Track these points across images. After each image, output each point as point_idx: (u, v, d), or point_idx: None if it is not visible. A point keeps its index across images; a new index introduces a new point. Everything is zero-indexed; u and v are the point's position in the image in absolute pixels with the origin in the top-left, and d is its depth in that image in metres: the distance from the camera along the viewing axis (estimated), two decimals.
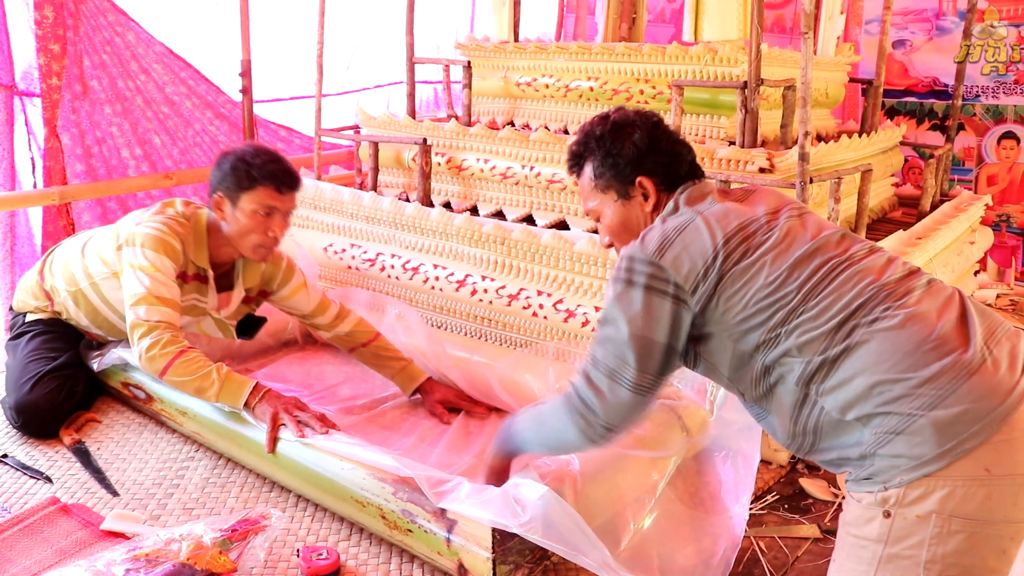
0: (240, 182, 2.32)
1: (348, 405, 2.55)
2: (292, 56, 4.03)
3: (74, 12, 3.12)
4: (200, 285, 2.45)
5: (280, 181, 2.33)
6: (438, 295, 2.86)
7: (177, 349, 2.16)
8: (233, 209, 2.34)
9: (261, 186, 2.31)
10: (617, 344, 1.50)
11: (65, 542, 1.81)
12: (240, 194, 2.32)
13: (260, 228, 2.34)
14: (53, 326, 2.56)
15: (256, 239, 2.36)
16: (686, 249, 1.49)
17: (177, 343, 2.18)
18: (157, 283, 2.25)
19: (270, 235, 2.36)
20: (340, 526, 1.93)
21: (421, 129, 3.34)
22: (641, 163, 1.63)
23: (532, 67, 3.49)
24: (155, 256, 2.28)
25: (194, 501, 2.04)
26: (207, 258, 2.44)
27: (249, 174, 2.31)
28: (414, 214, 2.91)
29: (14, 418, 2.36)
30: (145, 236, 2.30)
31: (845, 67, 3.76)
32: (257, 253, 2.40)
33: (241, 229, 2.35)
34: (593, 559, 1.55)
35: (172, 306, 2.25)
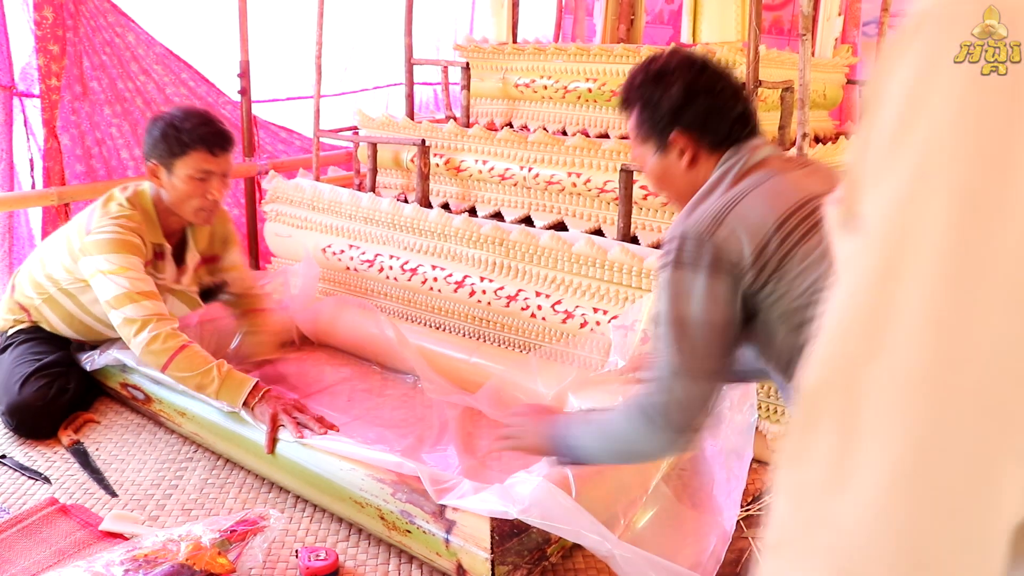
0: (172, 149, 2.34)
1: (346, 405, 2.55)
2: (291, 57, 4.03)
3: (74, 13, 3.12)
4: (158, 262, 2.48)
5: (212, 144, 2.35)
6: (436, 296, 2.86)
7: (179, 343, 2.18)
8: (169, 176, 2.37)
9: (194, 151, 2.33)
10: (674, 333, 1.39)
11: (64, 543, 1.81)
12: (174, 161, 2.34)
13: (198, 192, 2.37)
14: (36, 332, 2.56)
15: (196, 203, 2.38)
16: (741, 225, 1.39)
17: (177, 337, 2.19)
18: (133, 280, 2.27)
19: (209, 198, 2.38)
20: (339, 527, 1.93)
21: (419, 130, 3.35)
22: (677, 117, 1.52)
23: (530, 68, 3.49)
24: (120, 257, 2.29)
25: (193, 502, 2.04)
26: (161, 233, 2.46)
27: (180, 140, 2.33)
28: (412, 215, 2.92)
29: (9, 422, 2.36)
30: (103, 243, 2.31)
31: (843, 69, 3.76)
32: (199, 217, 2.43)
33: (180, 195, 2.38)
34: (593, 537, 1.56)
35: (155, 298, 2.29)
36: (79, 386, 2.48)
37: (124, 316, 2.23)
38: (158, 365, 2.18)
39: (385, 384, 2.72)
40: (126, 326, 2.22)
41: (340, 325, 2.95)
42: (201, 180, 2.36)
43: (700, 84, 1.53)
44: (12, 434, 2.37)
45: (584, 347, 2.47)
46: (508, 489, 1.66)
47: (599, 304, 2.50)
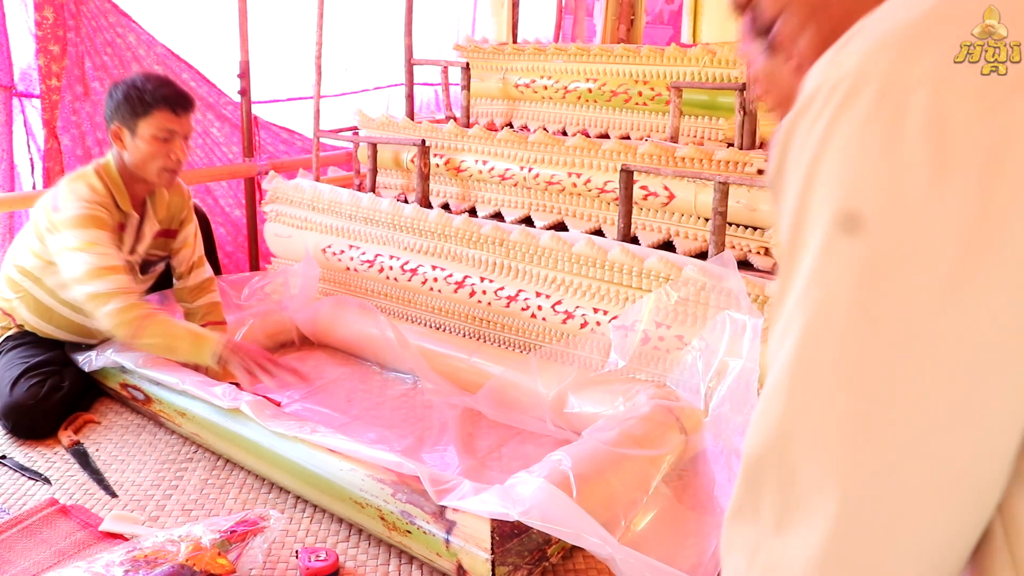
0: (135, 109, 2.37)
1: (345, 406, 2.55)
2: (292, 57, 4.03)
3: (75, 13, 3.12)
4: (121, 233, 2.50)
5: (175, 103, 2.39)
6: (436, 296, 2.86)
7: (145, 312, 2.28)
8: (132, 137, 2.40)
9: (157, 110, 2.37)
10: None
11: (64, 543, 1.81)
12: (137, 121, 2.38)
13: (162, 152, 2.40)
14: (25, 337, 2.56)
15: (160, 163, 2.41)
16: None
17: (140, 307, 2.29)
18: (100, 256, 2.31)
19: (172, 158, 2.41)
20: (339, 527, 1.93)
21: (420, 131, 3.35)
22: None
23: (531, 68, 3.50)
24: (88, 233, 2.33)
25: (193, 502, 2.04)
26: (130, 201, 2.48)
27: (143, 100, 2.37)
28: (412, 215, 2.92)
29: (4, 424, 2.36)
30: (70, 219, 2.34)
31: None
32: (162, 178, 2.45)
33: (143, 156, 2.40)
34: (594, 539, 1.56)
35: (121, 271, 2.33)
36: (74, 385, 2.47)
37: (90, 291, 2.28)
38: (128, 336, 2.26)
39: (385, 384, 2.72)
40: (92, 300, 2.28)
41: (340, 325, 2.95)
42: (165, 140, 2.40)
43: None
44: (11, 436, 2.36)
45: (584, 347, 2.47)
46: (509, 490, 1.66)
47: (599, 304, 2.50)
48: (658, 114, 3.20)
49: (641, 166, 2.63)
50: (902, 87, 0.53)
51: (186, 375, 2.35)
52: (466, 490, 1.69)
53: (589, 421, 2.15)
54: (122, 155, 2.44)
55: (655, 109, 3.21)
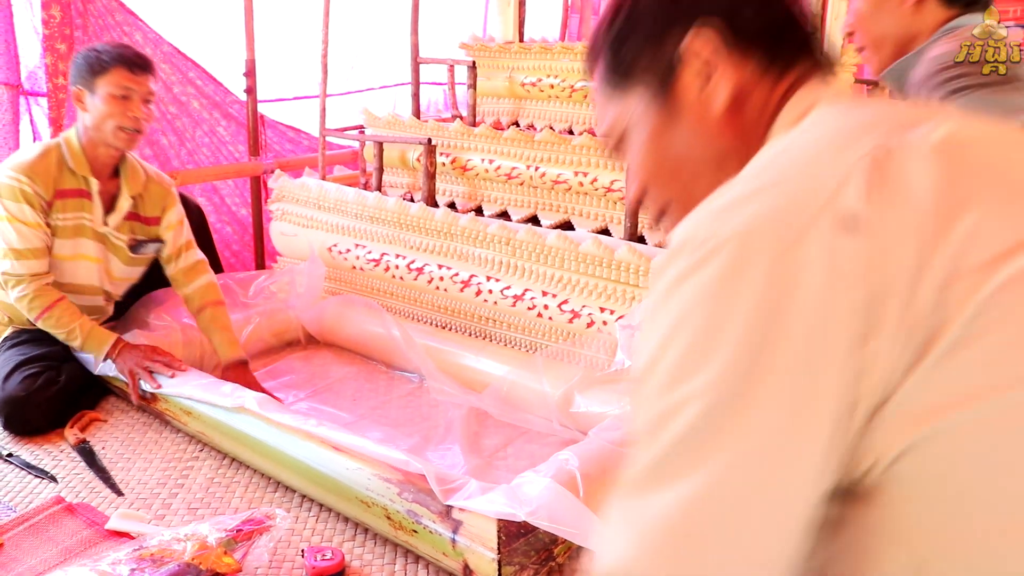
0: (93, 68, 2.43)
1: (351, 404, 2.55)
2: (298, 56, 4.04)
3: (82, 12, 3.12)
4: (82, 201, 2.54)
5: (132, 63, 2.45)
6: (443, 295, 2.86)
7: (49, 301, 2.42)
8: (92, 97, 2.45)
9: (114, 68, 2.43)
10: None
11: (70, 541, 1.81)
12: (95, 80, 2.43)
13: (120, 111, 2.44)
14: (22, 335, 2.56)
15: (117, 121, 2.45)
16: None
17: (48, 295, 2.43)
18: (20, 236, 2.40)
19: (130, 115, 2.45)
20: (344, 526, 1.93)
21: (426, 129, 3.34)
22: None
23: (537, 67, 3.49)
24: (13, 206, 2.41)
25: (199, 501, 2.04)
26: (88, 166, 2.52)
27: (100, 59, 2.44)
28: (419, 214, 2.91)
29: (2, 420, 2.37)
30: (2, 188, 2.41)
31: (851, 68, 3.75)
32: (120, 138, 2.47)
33: (102, 115, 2.45)
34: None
35: (39, 255, 2.44)
36: (71, 380, 2.46)
37: (3, 270, 2.41)
38: (33, 317, 2.43)
39: (391, 383, 2.72)
40: (5, 277, 2.42)
41: (346, 324, 2.95)
42: (122, 98, 2.44)
43: None
44: (7, 432, 2.36)
45: (590, 347, 2.46)
46: (515, 490, 1.65)
47: (606, 304, 2.49)
48: None
49: None
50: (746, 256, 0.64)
51: (191, 376, 2.36)
52: (472, 490, 1.69)
53: (596, 420, 2.14)
54: (84, 119, 2.50)
55: None
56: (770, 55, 0.84)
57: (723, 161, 0.83)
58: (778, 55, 0.85)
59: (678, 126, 0.86)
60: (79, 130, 2.52)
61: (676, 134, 0.87)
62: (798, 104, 0.82)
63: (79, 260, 2.57)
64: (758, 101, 0.84)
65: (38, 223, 2.43)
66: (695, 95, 0.85)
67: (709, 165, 0.85)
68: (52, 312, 2.42)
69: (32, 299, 2.41)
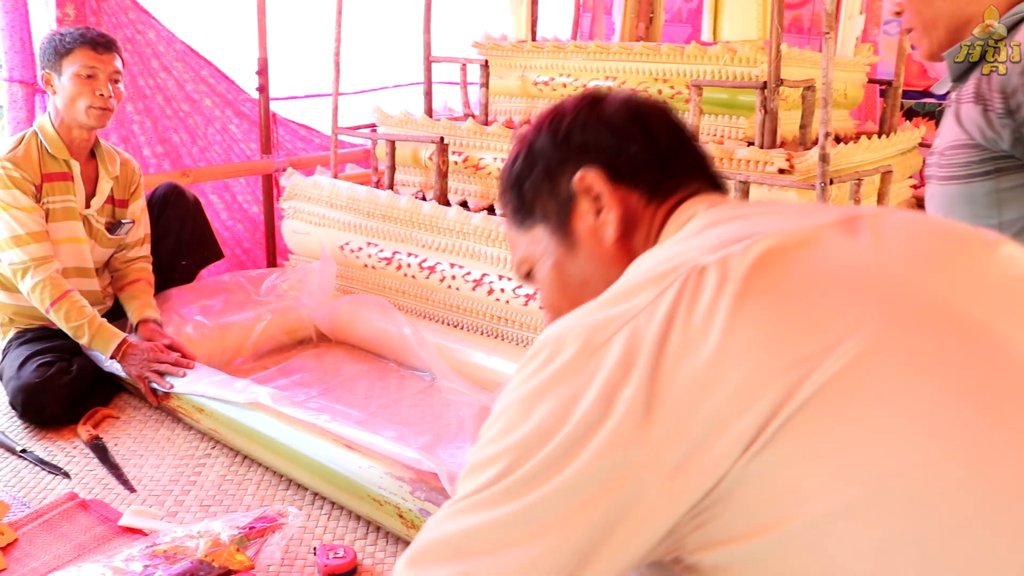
0: (58, 50, 2.50)
1: (363, 402, 2.55)
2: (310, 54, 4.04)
3: (96, 10, 3.13)
4: (67, 184, 2.58)
5: (95, 42, 2.51)
6: (455, 294, 2.85)
7: (58, 293, 2.43)
8: (59, 78, 2.51)
9: (77, 49, 2.49)
10: None
11: (83, 537, 1.81)
12: (60, 62, 2.49)
13: (87, 90, 2.50)
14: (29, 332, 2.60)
15: (86, 101, 2.50)
16: None
17: (57, 287, 2.44)
18: (18, 222, 2.44)
19: (98, 94, 2.50)
20: (356, 524, 1.93)
21: (438, 128, 3.34)
22: None
23: (550, 66, 3.48)
24: (5, 193, 2.45)
25: (211, 498, 2.04)
26: (66, 149, 2.56)
27: (63, 41, 2.50)
28: (431, 213, 2.91)
29: (16, 408, 2.40)
30: None
31: (864, 68, 3.74)
32: (91, 116, 2.52)
33: (70, 96, 2.50)
34: None
35: (40, 238, 2.47)
36: (82, 373, 2.48)
37: (10, 262, 2.44)
38: (42, 309, 2.44)
39: (402, 382, 2.72)
40: (15, 270, 2.44)
41: (357, 323, 2.95)
42: (88, 77, 2.50)
43: None
44: (23, 422, 2.39)
45: None
46: None
47: None
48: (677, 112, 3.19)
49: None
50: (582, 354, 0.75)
51: (203, 373, 2.37)
52: None
53: None
54: (55, 102, 2.54)
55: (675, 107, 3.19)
56: (656, 182, 0.95)
57: None
58: (663, 180, 0.95)
59: (577, 256, 0.97)
60: (51, 115, 2.57)
61: (576, 263, 0.97)
62: (676, 221, 0.91)
63: (72, 243, 2.61)
64: (645, 224, 0.94)
65: (32, 206, 2.47)
66: (589, 228, 0.95)
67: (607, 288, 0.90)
68: (62, 303, 2.43)
69: (43, 288, 2.42)
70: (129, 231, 2.77)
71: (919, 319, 0.71)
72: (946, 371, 0.67)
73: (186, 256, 3.03)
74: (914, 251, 0.80)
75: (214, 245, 3.13)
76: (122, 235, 2.76)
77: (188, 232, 3.00)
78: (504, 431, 0.76)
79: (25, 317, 2.59)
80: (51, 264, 2.46)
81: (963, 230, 0.85)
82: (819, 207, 0.99)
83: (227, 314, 2.87)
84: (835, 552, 0.64)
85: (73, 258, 2.59)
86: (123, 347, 2.45)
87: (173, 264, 2.97)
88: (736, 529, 0.68)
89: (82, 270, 2.62)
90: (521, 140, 1.03)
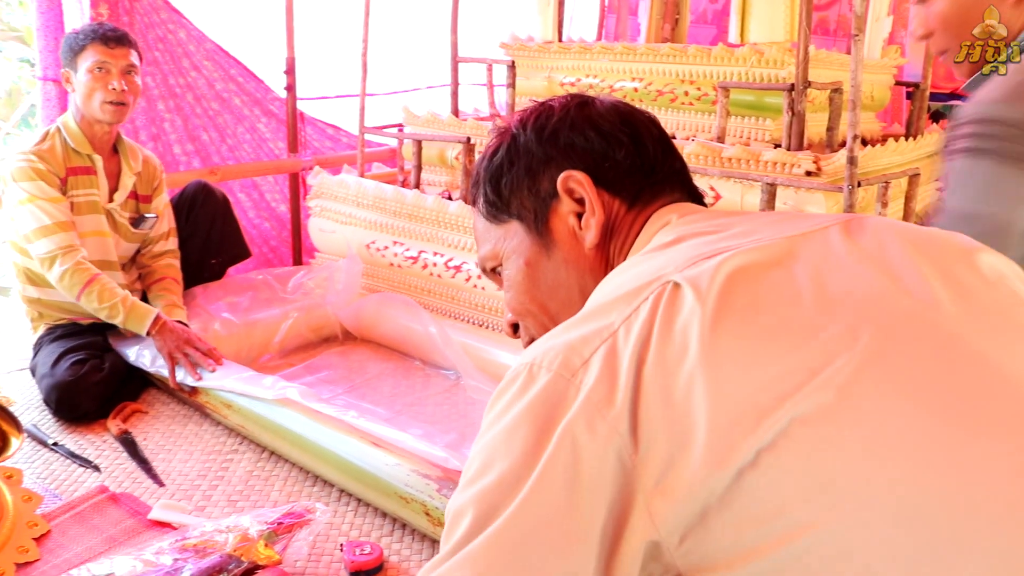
0: (73, 47, 2.56)
1: (389, 400, 2.57)
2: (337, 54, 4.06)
3: (129, 9, 3.16)
4: (90, 177, 2.63)
5: (106, 37, 2.56)
6: (480, 294, 2.86)
7: (86, 278, 2.45)
8: (75, 75, 2.56)
9: (89, 45, 2.54)
10: None
11: (114, 530, 1.84)
12: (76, 59, 2.55)
13: (101, 85, 2.55)
14: (61, 328, 2.63)
15: (101, 96, 2.55)
16: None
17: (83, 272, 2.45)
18: (44, 212, 2.47)
19: (111, 88, 2.54)
20: (383, 521, 1.94)
21: (465, 128, 3.35)
22: None
23: (576, 67, 3.49)
24: (31, 185, 2.49)
25: (238, 493, 2.06)
26: (88, 144, 2.61)
27: (77, 38, 2.56)
28: (457, 212, 2.92)
29: (49, 405, 2.43)
30: (15, 172, 2.51)
31: (891, 70, 3.72)
32: (106, 111, 2.57)
33: (87, 91, 2.56)
34: None
35: (67, 227, 2.50)
36: (114, 368, 2.51)
37: (38, 253, 2.47)
38: (72, 296, 2.47)
39: (428, 380, 2.73)
40: (40, 261, 2.47)
41: (383, 321, 2.97)
42: (101, 72, 2.54)
43: None
44: (56, 418, 2.42)
45: None
46: None
47: None
48: (704, 114, 3.18)
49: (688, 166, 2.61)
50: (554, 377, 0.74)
51: (232, 369, 2.39)
52: None
53: None
54: (74, 99, 2.60)
55: (701, 109, 3.19)
56: (637, 190, 0.95)
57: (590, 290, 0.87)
58: (645, 189, 0.95)
59: (552, 257, 0.95)
60: (72, 112, 2.62)
61: (550, 264, 0.95)
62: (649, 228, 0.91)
63: (96, 236, 2.64)
64: (623, 231, 0.93)
65: (58, 197, 2.51)
66: (568, 230, 0.94)
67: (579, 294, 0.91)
68: (92, 287, 2.45)
69: (72, 274, 2.44)
70: (153, 225, 2.81)
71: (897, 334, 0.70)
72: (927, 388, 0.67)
73: (215, 254, 3.05)
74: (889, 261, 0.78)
75: (242, 244, 3.15)
76: (146, 230, 2.79)
77: (217, 230, 3.03)
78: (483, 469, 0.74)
79: (55, 311, 2.62)
80: (77, 252, 2.48)
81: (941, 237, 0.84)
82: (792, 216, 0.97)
83: (254, 311, 2.89)
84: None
85: (98, 251, 2.62)
86: (159, 322, 2.47)
87: (202, 262, 3.00)
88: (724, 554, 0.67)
89: (107, 263, 2.65)
90: (503, 133, 1.01)
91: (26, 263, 2.57)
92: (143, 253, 2.83)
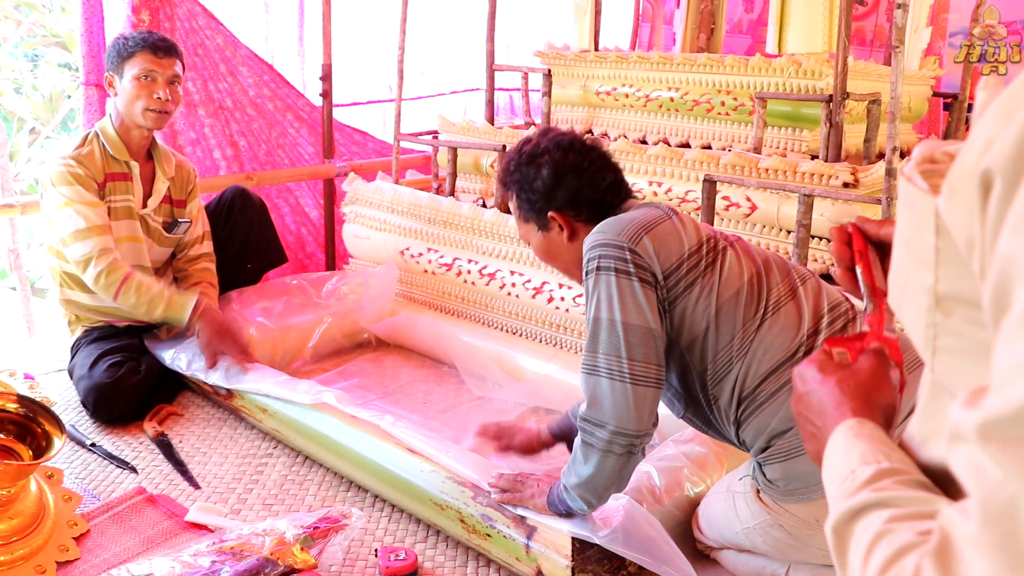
0: (121, 53, 2.57)
1: (422, 406, 2.57)
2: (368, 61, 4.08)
3: (169, 16, 3.20)
4: (127, 184, 2.66)
5: (155, 47, 2.58)
6: (514, 302, 2.86)
7: (121, 276, 2.47)
8: (120, 81, 2.59)
9: (138, 52, 2.55)
10: (604, 339, 1.49)
11: (152, 531, 1.85)
12: (123, 65, 2.57)
13: (145, 93, 2.56)
14: (97, 331, 2.66)
15: (144, 103, 2.57)
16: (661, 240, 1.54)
17: (118, 271, 2.47)
18: (82, 216, 2.48)
19: (155, 97, 2.56)
20: (417, 527, 1.95)
21: (500, 136, 3.36)
22: (550, 199, 1.66)
23: (612, 76, 3.49)
24: (69, 190, 2.51)
25: (273, 497, 2.08)
26: (125, 150, 2.64)
27: (127, 45, 2.57)
28: (492, 220, 2.92)
29: (87, 407, 2.46)
30: (54, 176, 2.52)
31: (929, 81, 3.69)
32: (147, 118, 2.59)
33: (129, 98, 2.57)
34: (675, 569, 1.55)
35: (103, 231, 2.51)
36: (150, 372, 2.54)
37: (74, 255, 2.48)
38: (109, 296, 2.48)
39: (460, 387, 2.73)
40: (79, 264, 2.48)
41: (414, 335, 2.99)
42: (147, 80, 2.56)
43: (567, 164, 1.65)
44: (93, 420, 2.44)
45: None
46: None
47: None
48: (740, 124, 3.17)
49: (725, 176, 2.61)
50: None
51: (267, 373, 2.40)
52: None
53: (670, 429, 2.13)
54: (116, 103, 2.62)
55: (737, 119, 3.18)
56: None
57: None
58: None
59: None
60: (112, 116, 2.64)
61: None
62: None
63: (131, 242, 2.67)
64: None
65: (95, 201, 2.54)
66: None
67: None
68: (129, 284, 2.47)
69: (108, 274, 2.45)
70: (187, 230, 2.83)
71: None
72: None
73: (251, 259, 3.06)
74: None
75: (279, 249, 3.16)
76: (179, 234, 2.81)
77: (254, 236, 3.04)
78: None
79: (91, 314, 2.65)
80: (111, 253, 2.50)
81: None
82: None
83: (288, 316, 2.91)
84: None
85: (132, 256, 2.64)
86: (200, 305, 2.51)
87: (239, 267, 3.02)
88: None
89: (140, 268, 2.65)
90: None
91: (63, 266, 2.60)
92: (179, 257, 2.85)
